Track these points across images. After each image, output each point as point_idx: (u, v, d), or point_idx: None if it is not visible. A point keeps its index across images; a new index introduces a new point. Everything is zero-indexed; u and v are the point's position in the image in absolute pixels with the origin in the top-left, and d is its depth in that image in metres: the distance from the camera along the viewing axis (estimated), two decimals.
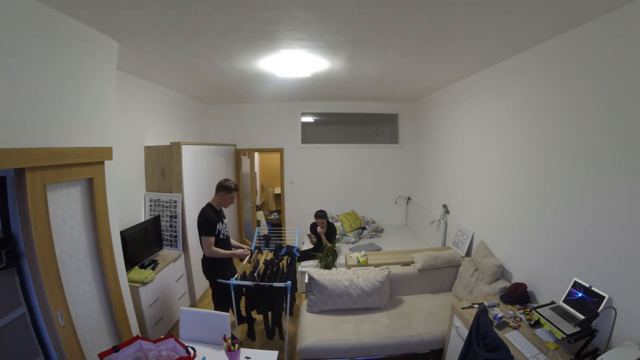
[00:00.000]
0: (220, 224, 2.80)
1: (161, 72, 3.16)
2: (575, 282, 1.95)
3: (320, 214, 3.91)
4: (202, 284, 3.91)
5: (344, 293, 2.76)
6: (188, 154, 3.55)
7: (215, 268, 2.75)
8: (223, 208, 2.88)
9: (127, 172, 3.18)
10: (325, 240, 3.87)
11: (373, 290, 2.78)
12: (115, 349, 1.64)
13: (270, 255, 3.10)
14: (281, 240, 5.24)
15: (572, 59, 2.03)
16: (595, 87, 1.87)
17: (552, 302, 2.04)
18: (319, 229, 3.93)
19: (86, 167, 2.00)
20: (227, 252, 2.78)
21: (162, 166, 3.46)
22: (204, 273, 2.85)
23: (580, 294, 1.90)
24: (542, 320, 1.89)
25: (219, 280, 2.62)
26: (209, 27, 2.06)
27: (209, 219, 2.68)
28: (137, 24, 1.99)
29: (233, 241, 3.08)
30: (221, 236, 2.80)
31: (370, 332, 2.53)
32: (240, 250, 2.91)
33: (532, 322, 2.03)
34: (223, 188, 2.78)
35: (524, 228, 2.52)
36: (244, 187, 5.74)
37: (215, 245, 2.71)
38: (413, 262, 3.23)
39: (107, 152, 2.18)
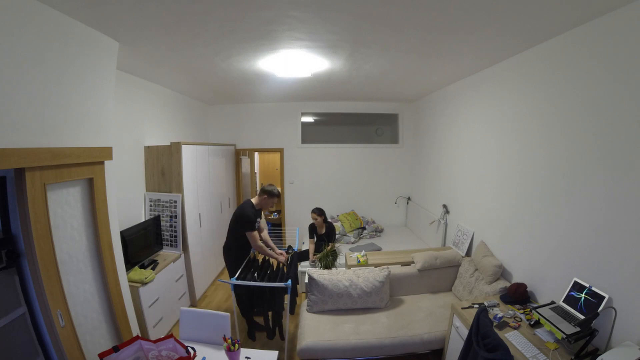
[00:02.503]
0: (258, 222, 3.05)
1: (161, 72, 3.16)
2: (575, 282, 1.96)
3: (315, 210, 3.82)
4: (202, 283, 3.91)
5: (344, 293, 2.76)
6: (188, 154, 3.55)
7: (238, 252, 3.02)
8: (262, 210, 3.16)
9: (127, 172, 3.18)
10: (312, 255, 3.82)
11: (373, 290, 2.78)
12: (115, 349, 1.63)
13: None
14: (281, 240, 5.24)
15: (576, 58, 2.01)
16: (599, 86, 1.86)
17: (552, 302, 2.05)
18: (311, 251, 3.86)
19: (86, 167, 2.00)
20: (269, 252, 3.06)
21: (162, 166, 3.46)
22: (225, 259, 3.13)
23: (578, 294, 1.90)
24: (542, 320, 1.89)
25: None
26: (209, 27, 2.06)
27: (250, 217, 2.91)
28: (137, 24, 1.99)
29: (267, 236, 3.32)
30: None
31: (370, 332, 2.53)
32: (282, 257, 3.12)
33: (532, 322, 2.03)
34: (267, 192, 3.03)
35: (524, 228, 2.52)
36: (244, 187, 5.74)
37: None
38: (413, 262, 3.22)
39: (107, 152, 2.18)
